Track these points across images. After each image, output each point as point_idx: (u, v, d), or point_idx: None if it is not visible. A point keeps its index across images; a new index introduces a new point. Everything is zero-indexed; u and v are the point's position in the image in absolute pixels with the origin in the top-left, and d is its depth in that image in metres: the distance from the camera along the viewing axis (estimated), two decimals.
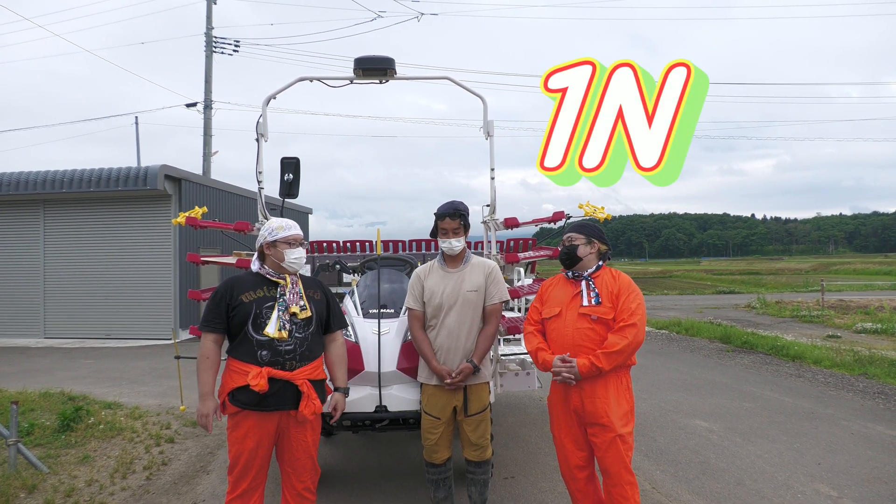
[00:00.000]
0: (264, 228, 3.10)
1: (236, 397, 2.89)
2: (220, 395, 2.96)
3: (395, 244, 6.88)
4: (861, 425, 5.93)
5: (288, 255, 3.03)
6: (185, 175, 13.91)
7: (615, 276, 3.18)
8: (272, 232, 3.04)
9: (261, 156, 4.39)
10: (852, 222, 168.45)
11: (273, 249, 3.04)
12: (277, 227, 3.06)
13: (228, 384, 2.92)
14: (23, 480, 4.36)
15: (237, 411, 2.91)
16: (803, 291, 25.73)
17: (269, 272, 3.04)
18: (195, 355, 3.02)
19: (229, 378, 2.93)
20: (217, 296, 2.99)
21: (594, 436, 3.05)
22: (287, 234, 3.05)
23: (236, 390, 2.89)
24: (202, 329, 2.98)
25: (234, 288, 2.99)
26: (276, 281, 3.03)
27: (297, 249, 3.07)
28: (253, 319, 2.91)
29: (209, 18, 19.48)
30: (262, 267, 3.06)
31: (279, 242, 3.03)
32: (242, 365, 2.89)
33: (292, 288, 3.05)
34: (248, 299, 2.94)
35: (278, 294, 3.00)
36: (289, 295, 3.01)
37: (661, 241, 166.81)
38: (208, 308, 2.99)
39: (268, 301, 2.96)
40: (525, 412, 6.54)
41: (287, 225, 3.08)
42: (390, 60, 4.46)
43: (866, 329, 12.74)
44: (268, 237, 3.05)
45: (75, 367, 10.18)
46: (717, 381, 8.24)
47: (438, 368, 3.41)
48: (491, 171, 4.50)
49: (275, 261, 3.05)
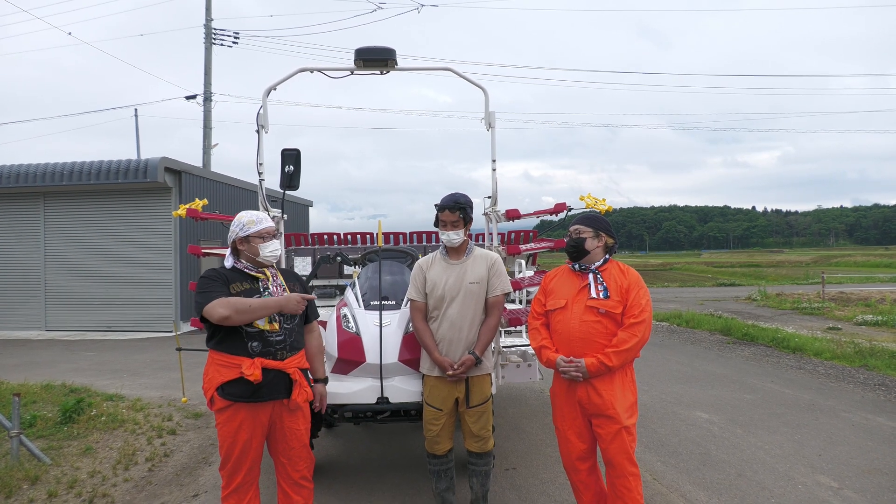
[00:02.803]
0: (234, 224, 3.02)
1: (227, 391, 2.86)
2: (208, 390, 2.91)
3: (396, 236, 6.88)
4: (862, 417, 5.94)
5: (263, 249, 2.99)
6: (185, 167, 13.88)
7: (623, 270, 3.16)
8: (243, 227, 2.98)
9: (261, 148, 4.37)
10: (853, 214, 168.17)
11: (247, 245, 2.99)
12: (248, 221, 3.00)
13: (216, 378, 2.87)
14: (25, 472, 4.37)
15: (228, 405, 2.86)
16: (804, 284, 25.73)
17: (248, 266, 3.01)
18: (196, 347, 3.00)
19: (216, 372, 2.88)
20: (212, 277, 2.91)
21: (599, 427, 3.05)
22: (259, 227, 2.99)
23: (226, 384, 2.85)
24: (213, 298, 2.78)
25: (223, 277, 2.93)
26: (256, 275, 3.00)
27: (272, 242, 3.03)
28: None
29: (208, 10, 19.39)
30: (237, 261, 3.02)
31: (252, 237, 2.98)
32: (231, 358, 2.86)
33: (274, 280, 3.04)
34: (235, 291, 2.91)
35: (261, 287, 2.98)
36: (272, 287, 3.00)
37: (661, 233, 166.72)
38: (207, 286, 2.86)
39: (254, 293, 2.94)
40: (526, 403, 6.55)
41: (258, 218, 3.02)
42: (391, 51, 4.43)
43: (867, 321, 12.74)
44: (239, 233, 2.99)
45: (76, 359, 10.20)
46: (718, 372, 8.25)
47: (440, 360, 3.40)
48: (492, 162, 4.49)
49: (250, 255, 3.01)
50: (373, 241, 6.61)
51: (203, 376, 2.96)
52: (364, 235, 6.75)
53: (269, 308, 2.87)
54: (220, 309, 2.77)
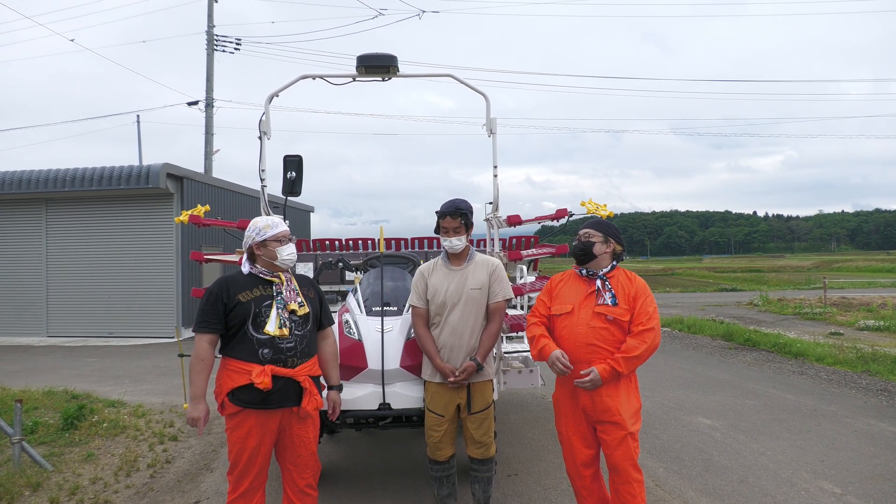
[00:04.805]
0: (250, 229, 3.05)
1: (237, 396, 2.87)
2: (219, 395, 2.93)
3: (397, 242, 6.89)
4: (864, 422, 5.93)
5: (280, 252, 3.01)
6: (187, 173, 13.92)
7: (630, 277, 3.15)
8: (259, 232, 3.01)
9: (263, 154, 4.38)
10: (854, 219, 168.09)
11: (264, 249, 3.01)
12: (264, 226, 3.02)
13: (227, 384, 2.88)
14: (27, 478, 4.38)
15: (238, 410, 2.89)
16: (805, 289, 25.68)
17: (263, 271, 3.02)
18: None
19: (228, 378, 2.89)
20: (212, 296, 2.93)
21: (604, 433, 3.04)
22: (275, 231, 3.02)
23: (237, 390, 2.87)
24: (197, 330, 2.93)
25: (230, 287, 2.95)
26: (271, 280, 3.02)
27: (288, 246, 3.06)
28: (253, 318, 2.90)
29: (210, 17, 19.47)
30: (253, 266, 3.04)
31: (269, 241, 3.01)
32: (242, 364, 2.87)
33: (288, 285, 3.04)
34: (245, 298, 2.92)
35: (275, 292, 2.98)
36: (286, 292, 3.01)
37: (662, 238, 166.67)
38: (203, 309, 2.93)
39: (266, 300, 2.95)
40: (528, 409, 6.54)
41: (273, 223, 3.05)
42: (393, 58, 4.46)
43: (869, 326, 12.71)
44: (256, 238, 3.01)
45: (78, 365, 10.20)
46: (720, 378, 8.23)
47: (442, 366, 3.40)
48: (494, 168, 4.50)
49: (267, 260, 3.03)
50: (374, 247, 6.62)
51: (215, 381, 2.97)
52: (366, 241, 6.76)
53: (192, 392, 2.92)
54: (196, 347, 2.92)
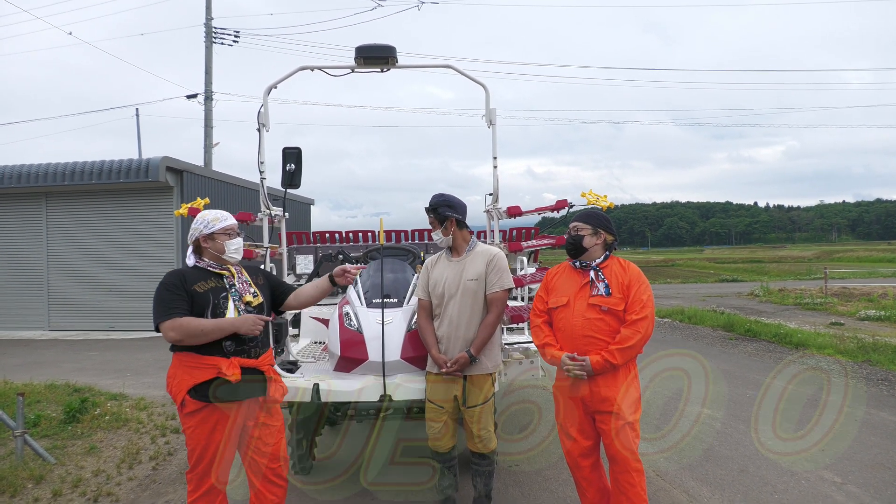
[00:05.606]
0: (198, 221, 3.00)
1: (200, 392, 2.79)
2: (178, 393, 2.82)
3: (397, 234, 6.88)
4: (865, 412, 5.94)
5: (228, 246, 2.98)
6: (186, 167, 13.89)
7: (624, 266, 3.15)
8: (208, 224, 2.98)
9: (263, 146, 4.36)
10: (855, 210, 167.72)
11: (212, 242, 2.98)
12: (213, 218, 2.99)
13: (187, 381, 2.79)
14: (30, 471, 4.39)
15: (202, 407, 2.80)
16: (806, 279, 25.66)
17: (211, 264, 2.98)
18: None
19: (188, 374, 2.80)
20: (171, 286, 2.84)
21: (603, 423, 3.05)
22: (224, 224, 2.99)
23: (198, 385, 2.79)
24: (168, 317, 2.75)
25: (185, 278, 2.88)
26: (220, 273, 2.99)
27: (236, 240, 3.03)
28: (212, 310, 2.85)
29: (209, 9, 19.39)
30: (200, 259, 2.99)
31: (217, 234, 2.97)
32: (204, 359, 2.80)
33: (240, 277, 3.03)
34: (202, 289, 2.87)
35: (227, 285, 2.96)
36: (238, 284, 2.99)
37: (663, 229, 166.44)
38: (163, 298, 2.81)
39: (221, 291, 2.91)
40: (529, 400, 6.55)
41: (222, 216, 3.02)
42: (391, 49, 4.42)
43: (870, 316, 12.71)
44: (204, 230, 2.97)
45: (80, 358, 10.22)
46: (721, 368, 8.24)
47: (437, 357, 3.43)
48: (494, 159, 4.48)
49: (214, 253, 2.99)
50: (374, 239, 6.61)
51: (168, 379, 2.88)
52: (366, 233, 6.75)
53: (224, 329, 2.81)
54: (170, 332, 2.76)
